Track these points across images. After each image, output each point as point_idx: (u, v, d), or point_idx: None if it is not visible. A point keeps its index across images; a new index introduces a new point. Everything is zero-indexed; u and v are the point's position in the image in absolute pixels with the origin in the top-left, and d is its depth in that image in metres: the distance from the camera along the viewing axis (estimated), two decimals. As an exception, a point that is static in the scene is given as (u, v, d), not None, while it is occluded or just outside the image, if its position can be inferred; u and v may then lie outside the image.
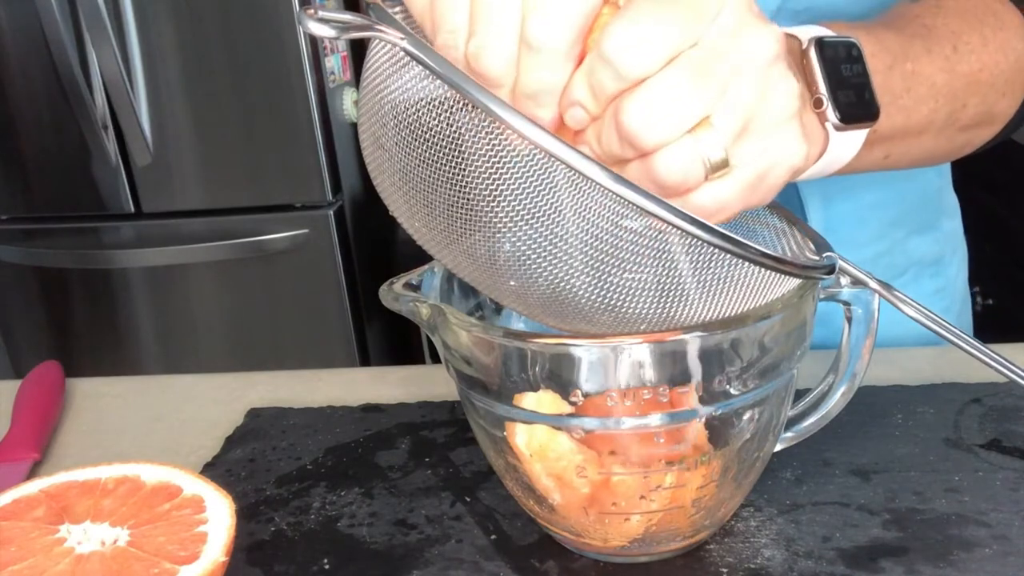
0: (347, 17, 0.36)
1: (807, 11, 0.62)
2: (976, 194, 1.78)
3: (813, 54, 0.45)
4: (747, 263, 0.37)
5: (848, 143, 0.47)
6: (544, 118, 0.37)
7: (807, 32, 0.47)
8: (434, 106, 0.36)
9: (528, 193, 0.36)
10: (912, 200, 0.74)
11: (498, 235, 0.37)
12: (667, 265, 0.37)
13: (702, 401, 0.43)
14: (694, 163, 0.35)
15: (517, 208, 0.36)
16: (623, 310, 0.39)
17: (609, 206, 0.36)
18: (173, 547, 0.44)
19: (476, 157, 0.36)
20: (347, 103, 1.86)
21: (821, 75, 0.44)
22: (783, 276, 0.39)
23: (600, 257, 0.37)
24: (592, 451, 0.43)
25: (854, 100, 0.44)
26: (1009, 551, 0.46)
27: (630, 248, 0.37)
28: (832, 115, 0.44)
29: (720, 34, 0.35)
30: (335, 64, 1.82)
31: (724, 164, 0.36)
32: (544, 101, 0.36)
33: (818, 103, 0.44)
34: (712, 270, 0.37)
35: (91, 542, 0.44)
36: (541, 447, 0.44)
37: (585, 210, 0.36)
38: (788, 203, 0.53)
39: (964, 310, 0.81)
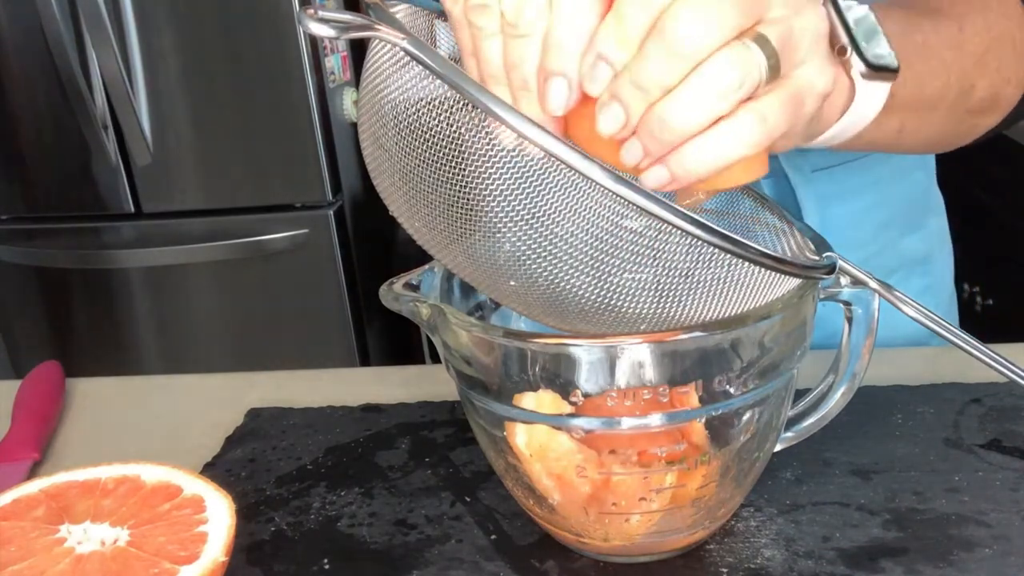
0: (347, 17, 0.36)
1: None
2: (977, 194, 1.78)
3: (830, 7, 0.45)
4: (747, 263, 0.37)
5: (871, 98, 0.47)
6: (571, 76, 0.37)
7: None
8: (434, 106, 0.36)
9: (528, 193, 0.36)
10: (902, 200, 0.74)
11: (498, 235, 0.37)
12: (667, 265, 0.37)
13: (702, 401, 0.43)
14: (751, 66, 0.35)
15: (517, 208, 0.36)
16: (623, 310, 0.39)
17: (609, 206, 0.36)
18: (173, 547, 0.44)
19: (476, 157, 0.36)
20: (347, 103, 1.86)
21: (843, 31, 0.44)
22: (783, 276, 0.39)
23: (600, 257, 0.37)
24: (592, 451, 0.43)
25: (876, 52, 0.45)
26: (1009, 551, 0.46)
27: (630, 248, 0.37)
28: (857, 62, 0.44)
29: None
30: (335, 64, 1.81)
31: (778, 67, 0.36)
32: (568, 55, 0.36)
33: (841, 51, 0.44)
34: (712, 270, 0.37)
35: (91, 542, 0.44)
36: (541, 447, 0.44)
37: (585, 210, 0.36)
38: (784, 207, 0.53)
39: (951, 307, 0.81)
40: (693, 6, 0.34)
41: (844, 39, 0.43)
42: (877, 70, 0.44)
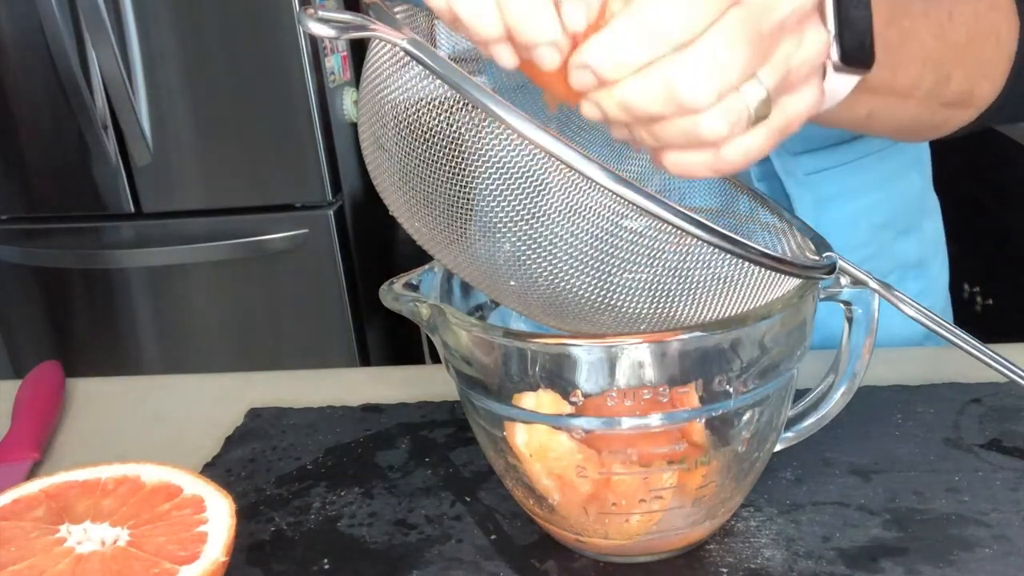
0: (347, 17, 0.36)
1: None
2: (977, 194, 1.78)
3: None
4: (747, 263, 0.37)
5: (841, 81, 0.47)
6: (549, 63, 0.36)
7: None
8: (434, 106, 0.36)
9: (528, 193, 0.36)
10: (899, 203, 0.74)
11: (498, 235, 0.37)
12: (667, 265, 0.37)
13: (702, 401, 0.43)
14: (741, 114, 0.35)
15: (517, 208, 0.36)
16: (623, 310, 0.39)
17: (609, 206, 0.36)
18: (173, 547, 0.44)
19: (476, 157, 0.36)
20: (347, 103, 1.86)
21: (833, 12, 0.44)
22: (783, 276, 0.40)
23: (600, 257, 0.37)
24: (592, 451, 0.43)
25: (856, 44, 0.44)
26: (1009, 551, 0.46)
27: (630, 248, 0.37)
28: (835, 52, 0.44)
29: None
30: (335, 64, 1.81)
31: (767, 113, 0.36)
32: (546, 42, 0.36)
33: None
34: (712, 270, 0.37)
35: (91, 542, 0.44)
36: (541, 447, 0.44)
37: (585, 210, 0.36)
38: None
39: (946, 310, 0.81)
40: (698, 55, 0.34)
41: (831, 27, 0.43)
42: (851, 63, 0.44)
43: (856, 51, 0.44)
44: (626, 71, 0.34)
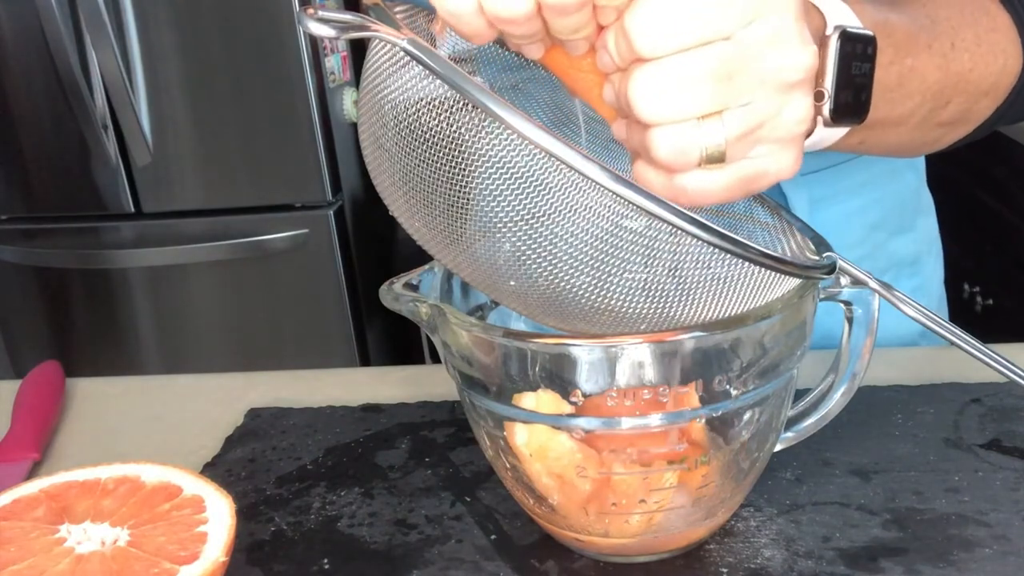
0: (347, 17, 0.36)
1: None
2: (977, 194, 1.78)
3: (833, 45, 0.44)
4: (747, 263, 0.37)
5: (827, 135, 0.47)
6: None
7: (834, 14, 0.46)
8: (434, 106, 0.36)
9: (528, 193, 0.36)
10: (893, 202, 0.74)
11: (498, 235, 0.37)
12: (667, 265, 0.37)
13: (702, 401, 0.43)
14: (691, 148, 0.35)
15: (517, 208, 0.36)
16: (623, 310, 0.39)
17: (609, 206, 0.36)
18: (173, 547, 0.44)
19: (476, 157, 0.36)
20: (347, 103, 1.86)
21: (832, 71, 0.44)
22: (783, 276, 0.39)
23: (600, 257, 0.37)
24: (592, 451, 0.43)
25: (851, 100, 0.44)
26: (1009, 551, 0.46)
27: (630, 248, 0.37)
28: (827, 111, 0.44)
29: (758, 39, 0.35)
30: (335, 64, 1.81)
31: (720, 159, 0.36)
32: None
33: (819, 96, 0.44)
34: (712, 270, 0.37)
35: (91, 542, 0.44)
36: (541, 447, 0.44)
37: (585, 210, 0.36)
38: None
39: (941, 308, 0.81)
40: (661, 74, 0.34)
41: (828, 88, 0.43)
42: (843, 118, 0.44)
43: (850, 108, 0.44)
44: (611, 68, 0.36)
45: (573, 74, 0.41)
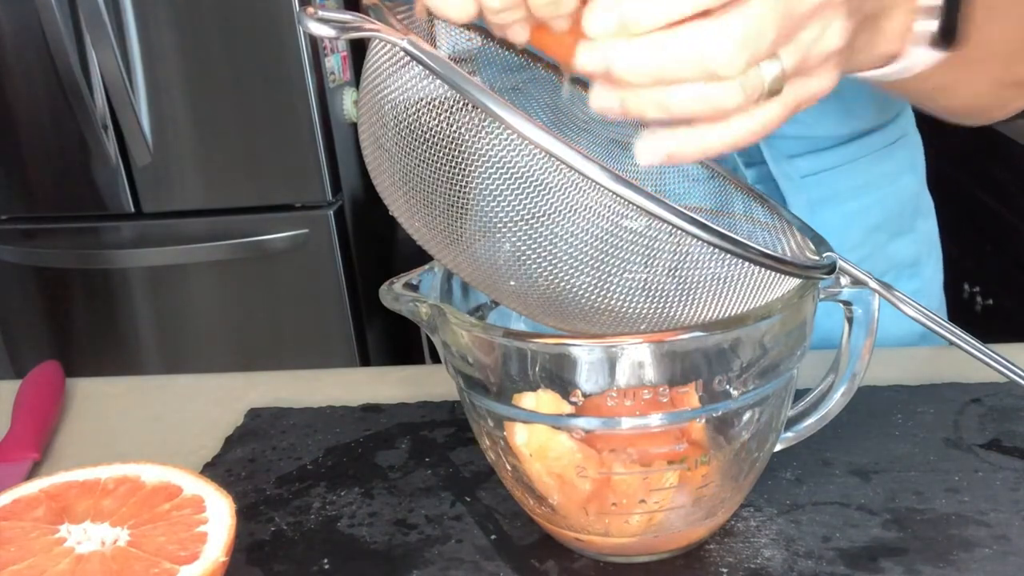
0: (347, 17, 0.36)
1: None
2: (977, 194, 1.78)
3: None
4: (747, 263, 0.37)
5: (920, 59, 0.47)
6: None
7: None
8: (434, 106, 0.36)
9: (528, 193, 0.36)
10: (892, 204, 0.74)
11: (498, 235, 0.37)
12: (667, 265, 0.37)
13: (702, 401, 0.43)
14: (756, 88, 0.36)
15: (517, 208, 0.36)
16: (623, 310, 0.39)
17: (609, 206, 0.36)
18: (173, 547, 0.44)
19: (476, 157, 0.36)
20: (347, 103, 1.86)
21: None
22: (783, 276, 0.40)
23: (600, 257, 0.37)
24: (592, 451, 0.43)
25: (953, 24, 0.45)
26: (1009, 551, 0.46)
27: (630, 248, 0.37)
28: (927, 27, 0.45)
29: None
30: (335, 64, 1.81)
31: (779, 91, 0.36)
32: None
33: (929, 11, 0.45)
34: (712, 270, 0.37)
35: (91, 542, 0.44)
36: (541, 447, 0.44)
37: (585, 210, 0.36)
38: None
39: (941, 309, 0.81)
40: (733, 23, 0.34)
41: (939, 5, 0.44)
42: (944, 42, 0.44)
43: (951, 31, 0.44)
44: (653, 23, 0.34)
45: (556, 48, 0.40)
